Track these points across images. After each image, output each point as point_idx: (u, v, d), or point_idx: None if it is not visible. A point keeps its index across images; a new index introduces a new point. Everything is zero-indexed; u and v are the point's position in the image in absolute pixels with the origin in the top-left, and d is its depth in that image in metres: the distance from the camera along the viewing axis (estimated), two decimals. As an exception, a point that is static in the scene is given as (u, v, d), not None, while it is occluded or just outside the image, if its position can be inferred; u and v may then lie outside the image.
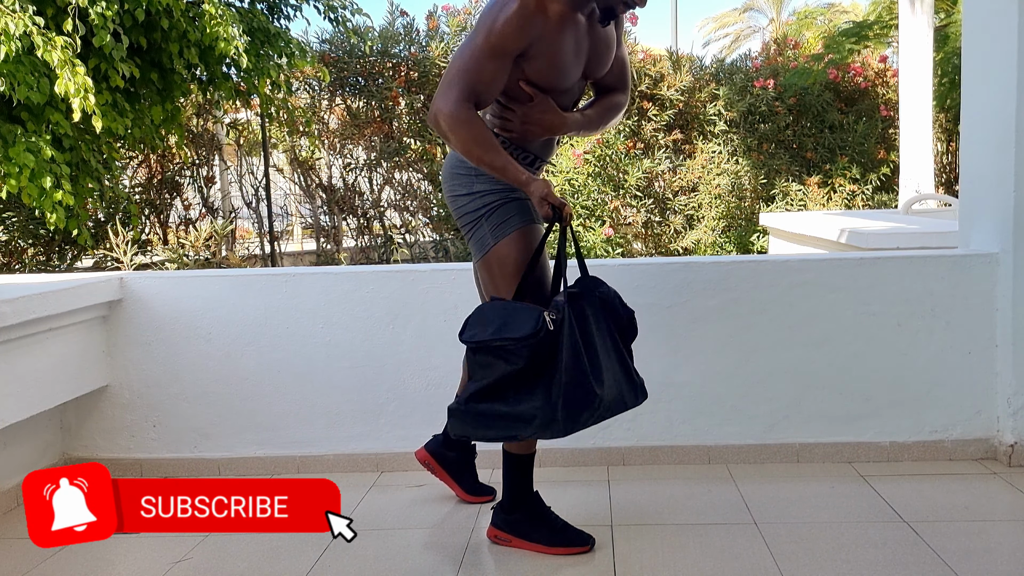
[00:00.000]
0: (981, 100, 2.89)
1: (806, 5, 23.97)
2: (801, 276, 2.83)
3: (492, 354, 2.00)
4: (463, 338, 2.06)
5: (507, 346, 1.97)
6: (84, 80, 4.22)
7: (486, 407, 2.02)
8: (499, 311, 2.05)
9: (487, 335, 2.00)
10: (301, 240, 9.36)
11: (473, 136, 2.05)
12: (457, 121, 2.03)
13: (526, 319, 1.99)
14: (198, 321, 2.92)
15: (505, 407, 2.00)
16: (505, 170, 2.08)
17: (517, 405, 2.00)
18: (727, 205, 8.09)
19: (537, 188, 2.08)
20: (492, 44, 2.02)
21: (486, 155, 2.07)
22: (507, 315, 2.02)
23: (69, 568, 2.26)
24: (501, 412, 2.01)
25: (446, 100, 2.04)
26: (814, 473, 2.76)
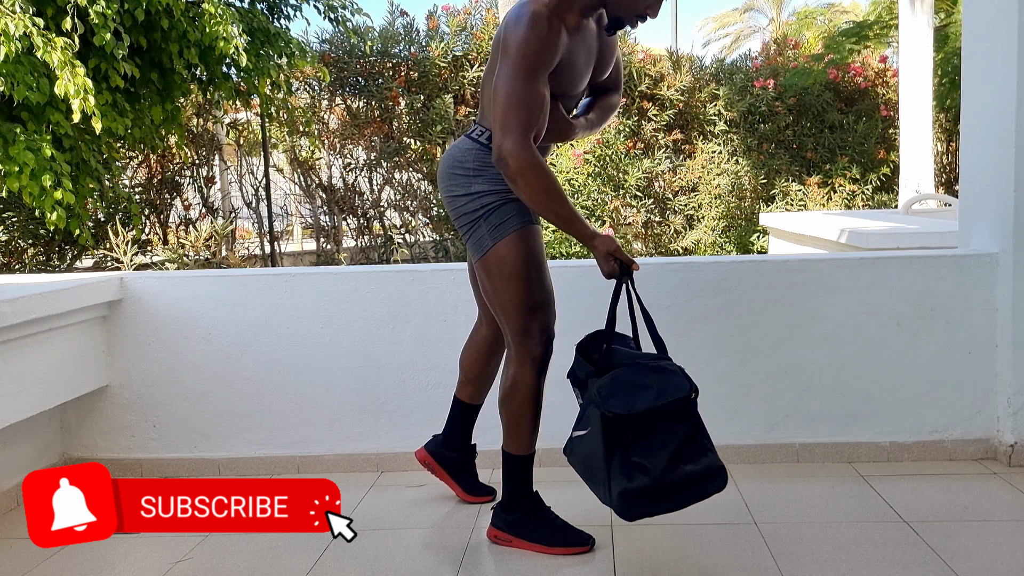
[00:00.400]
0: (981, 100, 2.89)
1: (806, 5, 23.98)
2: (801, 276, 2.83)
3: (668, 418, 1.91)
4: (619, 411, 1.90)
5: (682, 407, 1.91)
6: (84, 81, 4.22)
7: (683, 473, 1.90)
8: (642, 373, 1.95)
9: (654, 401, 1.90)
10: (301, 240, 9.36)
11: (544, 186, 2.02)
12: (528, 167, 1.99)
13: (673, 377, 1.93)
14: (198, 321, 2.92)
15: (697, 466, 1.91)
16: (572, 221, 2.05)
17: (702, 460, 1.92)
18: (727, 205, 8.09)
19: (603, 244, 2.06)
20: (532, 69, 2.00)
21: (554, 204, 2.03)
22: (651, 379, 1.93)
23: (69, 568, 2.26)
24: (695, 472, 1.90)
25: (511, 142, 1.99)
26: (814, 473, 2.76)
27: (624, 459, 1.90)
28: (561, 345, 2.34)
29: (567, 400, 2.81)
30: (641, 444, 1.89)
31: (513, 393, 2.20)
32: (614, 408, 1.90)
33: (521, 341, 2.18)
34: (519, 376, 2.19)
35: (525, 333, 2.17)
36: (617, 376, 1.96)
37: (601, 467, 1.92)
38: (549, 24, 2.00)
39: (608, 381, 1.95)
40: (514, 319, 2.17)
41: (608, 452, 1.91)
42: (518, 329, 2.17)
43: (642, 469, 1.88)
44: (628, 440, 1.91)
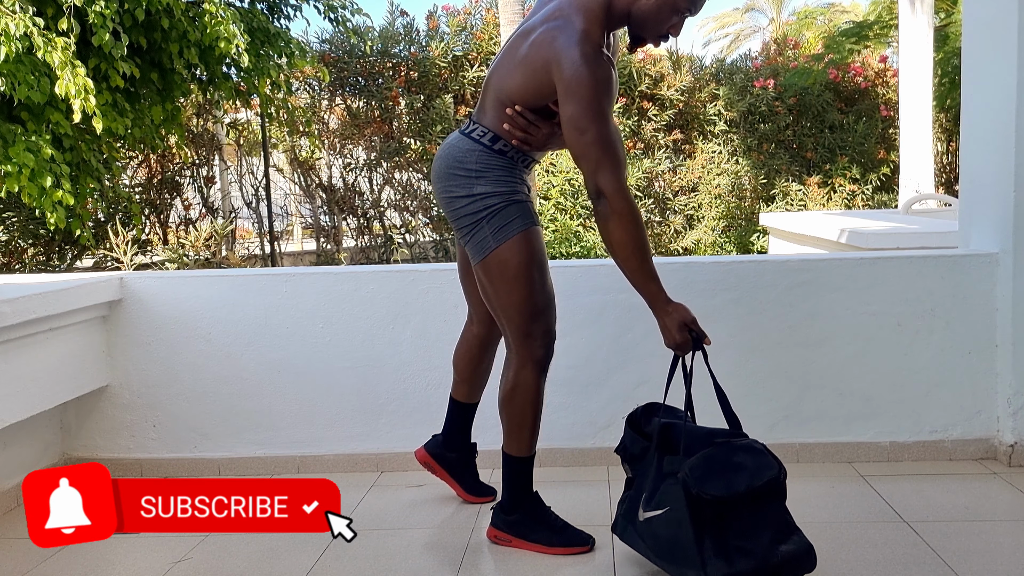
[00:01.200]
0: (981, 100, 2.89)
1: (806, 5, 23.97)
2: (801, 276, 2.83)
3: (764, 498, 1.86)
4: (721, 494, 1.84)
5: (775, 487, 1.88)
6: (84, 81, 4.23)
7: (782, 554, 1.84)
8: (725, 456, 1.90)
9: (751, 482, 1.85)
10: (301, 240, 9.37)
11: (637, 237, 1.98)
12: (627, 213, 1.97)
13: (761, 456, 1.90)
14: (198, 321, 2.92)
15: (792, 546, 1.86)
16: (654, 280, 2.01)
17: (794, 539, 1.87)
18: (727, 205, 8.09)
19: (680, 312, 2.02)
20: (604, 110, 1.99)
21: (639, 257, 2.00)
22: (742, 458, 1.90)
23: (69, 568, 2.26)
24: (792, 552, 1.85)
25: (611, 181, 1.97)
26: (814, 473, 2.76)
27: (720, 542, 1.84)
28: (562, 345, 2.34)
29: (567, 400, 2.82)
30: (737, 526, 1.85)
31: (514, 395, 2.20)
32: (713, 491, 1.84)
33: (523, 343, 2.17)
34: (520, 378, 2.19)
35: (527, 335, 2.17)
36: (710, 456, 1.90)
37: (692, 550, 1.85)
38: (604, 59, 2.01)
39: (701, 461, 1.89)
40: (516, 321, 2.16)
41: (699, 535, 1.85)
42: (520, 331, 2.17)
43: (744, 552, 1.83)
44: (722, 523, 1.85)
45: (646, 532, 1.98)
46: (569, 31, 2.00)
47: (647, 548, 2.00)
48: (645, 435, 2.08)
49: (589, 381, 2.86)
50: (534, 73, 2.06)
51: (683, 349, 2.04)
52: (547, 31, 2.04)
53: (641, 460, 2.07)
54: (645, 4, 2.06)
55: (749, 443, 1.94)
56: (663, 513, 1.93)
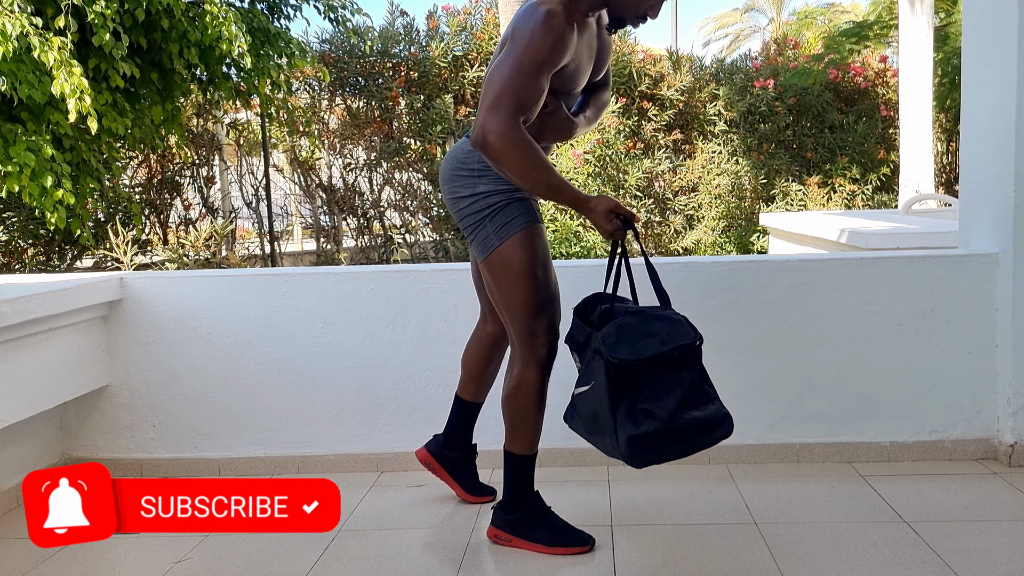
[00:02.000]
0: (981, 100, 2.89)
1: (806, 5, 23.97)
2: (801, 276, 2.83)
3: (675, 364, 1.91)
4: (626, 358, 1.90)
5: (688, 353, 1.92)
6: (80, 81, 4.22)
7: (689, 419, 1.90)
8: (646, 322, 1.96)
9: (660, 347, 1.91)
10: (301, 240, 9.36)
11: (530, 159, 1.99)
12: (512, 142, 1.97)
13: (678, 325, 1.94)
14: (198, 321, 2.92)
15: (702, 412, 1.92)
16: (563, 189, 2.04)
17: (705, 408, 1.93)
18: (727, 205, 8.09)
19: (602, 203, 2.05)
20: (538, 61, 1.99)
21: (543, 175, 2.02)
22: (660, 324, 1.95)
23: (69, 568, 2.26)
24: (700, 420, 1.91)
25: (496, 119, 1.96)
26: (814, 473, 2.76)
27: (631, 406, 1.90)
28: (564, 345, 2.34)
29: (567, 400, 2.81)
30: (648, 391, 1.90)
31: (517, 393, 2.20)
32: (620, 355, 1.90)
33: (526, 341, 2.18)
34: (524, 376, 2.19)
35: (530, 333, 2.17)
36: (622, 324, 1.96)
37: (607, 417, 1.92)
38: (562, 21, 2.00)
39: (614, 330, 1.95)
40: (519, 319, 2.16)
41: (614, 401, 1.92)
42: (523, 329, 2.17)
43: (649, 415, 1.89)
44: (634, 388, 1.91)
45: (580, 409, 2.05)
46: (531, 4, 2.05)
47: (581, 426, 2.06)
48: (589, 323, 2.11)
49: (589, 381, 2.85)
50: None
51: (617, 235, 2.08)
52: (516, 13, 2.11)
53: (585, 346, 2.10)
54: None
55: (667, 314, 1.99)
56: (589, 388, 1.99)
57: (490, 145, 1.97)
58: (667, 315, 2.00)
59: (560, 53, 2.02)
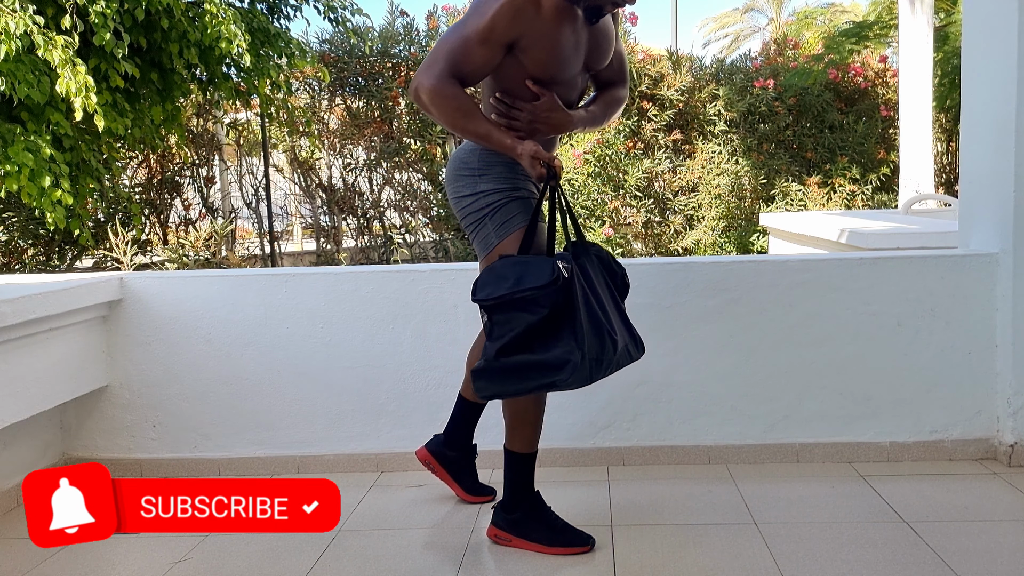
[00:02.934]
0: (981, 100, 2.89)
1: (806, 5, 23.98)
2: (801, 276, 2.83)
3: (515, 307, 1.99)
4: (479, 297, 2.03)
5: (529, 296, 1.97)
6: (85, 79, 4.22)
7: (517, 360, 2.00)
8: (511, 266, 2.04)
9: (506, 289, 1.99)
10: (301, 240, 9.36)
11: (456, 106, 2.07)
12: (440, 94, 2.05)
13: (542, 269, 2.00)
14: (198, 321, 2.92)
15: (535, 356, 2.00)
16: (490, 136, 2.10)
17: (546, 352, 2.00)
18: (727, 205, 8.09)
19: (526, 148, 2.09)
20: (481, 30, 2.03)
21: (470, 123, 2.09)
22: (521, 269, 2.02)
23: (69, 568, 2.26)
24: (532, 362, 2.00)
25: (429, 75, 2.06)
26: (814, 473, 2.76)
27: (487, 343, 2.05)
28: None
29: (567, 400, 2.82)
30: (497, 329, 2.02)
31: (517, 391, 2.21)
32: (476, 295, 2.03)
33: (524, 340, 2.18)
34: (522, 375, 2.19)
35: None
36: (492, 267, 2.07)
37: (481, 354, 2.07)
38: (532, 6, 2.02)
39: (484, 272, 2.07)
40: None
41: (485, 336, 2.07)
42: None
43: (485, 352, 2.03)
44: (492, 325, 2.03)
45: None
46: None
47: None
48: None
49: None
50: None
51: (542, 178, 2.12)
52: None
53: None
54: None
55: (534, 259, 2.04)
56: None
57: (420, 98, 2.09)
58: (535, 258, 2.05)
59: (505, 28, 2.03)
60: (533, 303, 1.99)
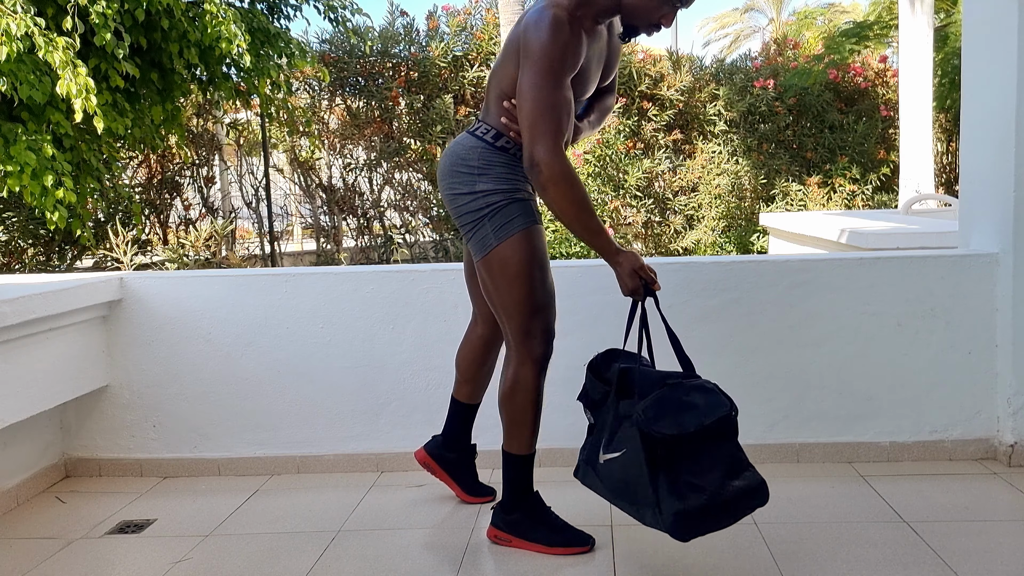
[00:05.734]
0: (981, 100, 2.89)
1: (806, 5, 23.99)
2: (801, 276, 2.83)
3: (715, 435, 1.89)
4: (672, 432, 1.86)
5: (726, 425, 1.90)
6: (86, 80, 4.22)
7: (733, 489, 1.88)
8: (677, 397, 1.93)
9: (702, 420, 1.88)
10: (301, 240, 9.36)
11: (574, 196, 2.01)
12: (560, 176, 1.99)
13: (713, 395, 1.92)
14: (198, 321, 2.92)
15: (743, 481, 1.90)
16: (599, 235, 2.05)
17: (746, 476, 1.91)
18: (727, 205, 8.09)
19: (629, 260, 2.05)
20: (557, 75, 2.00)
21: (584, 216, 2.03)
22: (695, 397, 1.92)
23: (69, 568, 2.26)
24: (743, 488, 1.89)
25: (543, 149, 1.99)
26: (814, 473, 2.76)
27: (673, 480, 1.87)
28: (561, 345, 2.34)
29: (567, 400, 2.81)
30: (690, 464, 1.87)
31: (514, 393, 2.20)
32: (664, 429, 1.87)
33: (523, 341, 2.18)
34: (520, 376, 2.19)
35: (527, 333, 2.17)
36: (661, 397, 1.93)
37: (646, 490, 1.89)
38: (571, 29, 2.01)
39: (653, 403, 1.92)
40: (516, 319, 2.17)
41: (654, 474, 1.88)
42: (520, 329, 2.17)
43: (695, 488, 1.86)
44: (675, 461, 1.88)
45: (605, 474, 2.02)
46: (540, 7, 2.04)
47: (606, 489, 2.03)
48: (605, 381, 2.11)
49: (589, 381, 2.85)
50: (513, 57, 2.09)
51: (637, 294, 2.08)
52: (525, 15, 2.09)
53: (601, 406, 2.10)
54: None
55: (701, 383, 1.97)
56: (620, 455, 1.96)
57: (541, 174, 2.00)
58: (700, 384, 1.97)
59: (572, 59, 2.03)
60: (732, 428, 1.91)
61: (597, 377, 2.12)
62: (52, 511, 2.67)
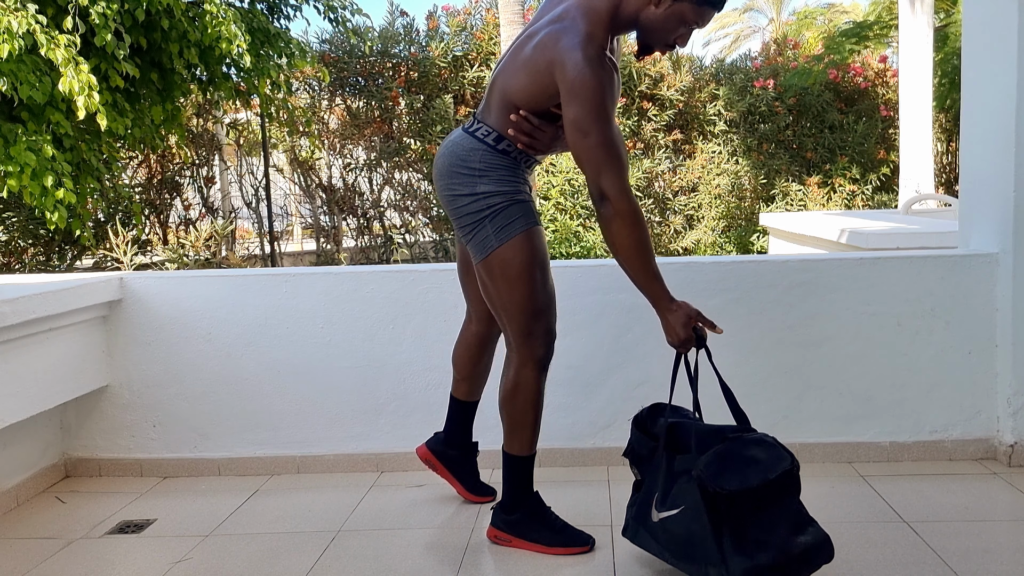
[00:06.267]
0: (981, 100, 2.89)
1: (806, 5, 23.98)
2: (801, 276, 2.83)
3: (779, 490, 1.84)
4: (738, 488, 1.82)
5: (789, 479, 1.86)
6: (88, 78, 4.22)
7: (800, 545, 1.83)
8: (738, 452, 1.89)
9: (767, 475, 1.83)
10: (301, 240, 9.37)
11: (640, 237, 2.00)
12: (630, 214, 1.98)
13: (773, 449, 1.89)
14: (198, 321, 2.92)
15: (808, 537, 1.84)
16: (657, 280, 2.02)
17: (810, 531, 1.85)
18: (727, 205, 8.10)
19: (683, 311, 2.03)
20: (608, 113, 1.99)
21: (645, 257, 2.01)
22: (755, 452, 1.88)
23: (69, 568, 2.26)
24: (809, 543, 1.83)
25: (613, 186, 1.97)
26: (814, 473, 2.76)
27: (738, 537, 1.83)
28: (562, 345, 2.34)
29: (567, 400, 2.82)
30: (754, 520, 1.84)
31: (515, 394, 2.20)
32: (727, 485, 1.82)
33: (524, 342, 2.17)
34: (521, 377, 2.19)
35: (528, 334, 2.17)
36: (722, 452, 1.89)
37: (711, 547, 1.85)
38: (608, 62, 2.01)
39: (715, 458, 1.88)
40: (517, 320, 2.16)
41: (718, 531, 1.84)
42: (521, 330, 2.17)
43: (763, 546, 1.82)
44: (741, 517, 1.84)
45: (660, 533, 1.97)
46: (573, 33, 2.00)
47: (662, 549, 1.99)
48: (652, 436, 2.08)
49: (589, 381, 2.86)
50: (538, 75, 2.06)
51: (686, 346, 2.05)
52: (551, 33, 2.04)
53: (649, 461, 2.07)
54: (653, 13, 2.06)
55: (760, 437, 1.94)
56: (678, 512, 1.92)
57: (610, 208, 1.98)
58: (760, 439, 1.94)
59: (614, 93, 2.03)
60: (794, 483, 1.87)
61: (643, 432, 2.11)
62: (52, 511, 2.67)
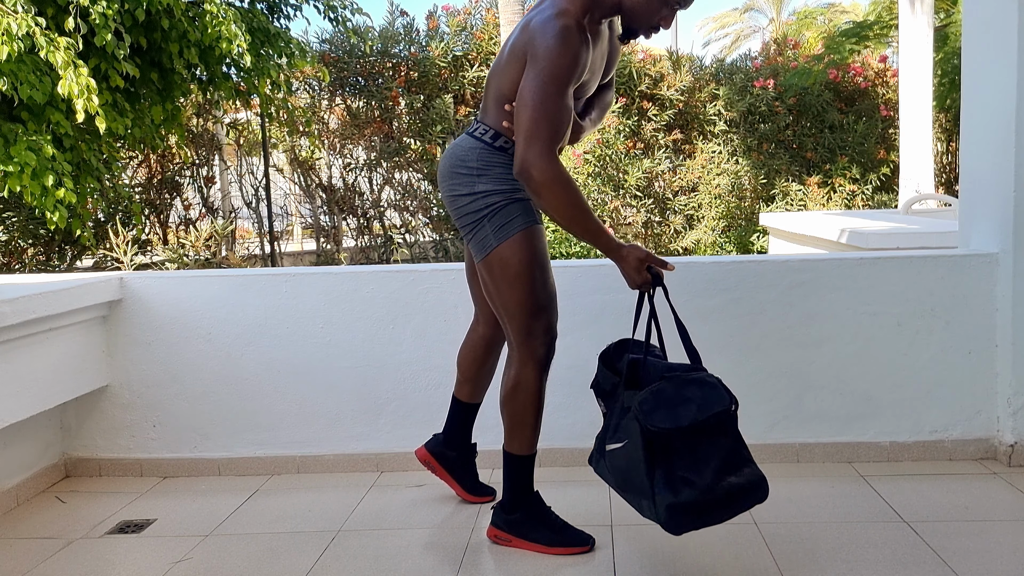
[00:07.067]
0: (981, 100, 2.89)
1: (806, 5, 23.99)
2: (801, 276, 2.83)
3: (712, 431, 1.87)
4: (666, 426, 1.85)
5: (724, 420, 1.88)
6: (88, 81, 4.22)
7: (728, 485, 1.86)
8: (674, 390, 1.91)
9: (698, 415, 1.86)
10: (301, 240, 9.37)
11: (569, 199, 2.00)
12: (554, 180, 1.98)
13: (713, 389, 1.91)
14: (198, 321, 2.92)
15: (740, 478, 1.87)
16: (598, 235, 2.04)
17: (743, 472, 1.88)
18: (727, 205, 8.10)
19: (633, 253, 2.04)
20: (562, 83, 1.99)
21: (582, 217, 2.02)
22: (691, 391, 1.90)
23: (69, 568, 2.26)
24: (740, 484, 1.87)
25: (535, 154, 1.97)
26: (814, 473, 2.76)
27: (668, 473, 1.87)
28: (562, 345, 2.34)
29: (567, 400, 2.82)
30: (685, 458, 1.86)
31: (516, 393, 2.20)
32: (659, 423, 1.86)
33: (524, 341, 2.18)
34: (522, 376, 2.19)
35: (528, 333, 2.17)
36: (659, 390, 1.92)
37: (644, 481, 1.89)
38: (580, 38, 2.00)
39: (650, 395, 1.91)
40: (518, 319, 2.17)
41: (650, 466, 1.88)
42: (521, 329, 2.17)
43: (688, 483, 1.85)
44: (671, 454, 1.87)
45: (610, 464, 2.01)
46: (546, 11, 2.04)
47: (611, 478, 2.04)
48: (616, 371, 2.10)
49: (589, 381, 2.84)
50: (518, 61, 2.08)
51: (645, 286, 2.07)
52: (529, 17, 2.09)
53: (612, 396, 2.09)
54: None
55: (702, 377, 1.95)
56: (621, 447, 1.97)
57: (533, 179, 1.99)
58: (701, 378, 1.95)
59: (579, 69, 2.03)
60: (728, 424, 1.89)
61: (608, 367, 2.13)
62: (52, 511, 2.67)
